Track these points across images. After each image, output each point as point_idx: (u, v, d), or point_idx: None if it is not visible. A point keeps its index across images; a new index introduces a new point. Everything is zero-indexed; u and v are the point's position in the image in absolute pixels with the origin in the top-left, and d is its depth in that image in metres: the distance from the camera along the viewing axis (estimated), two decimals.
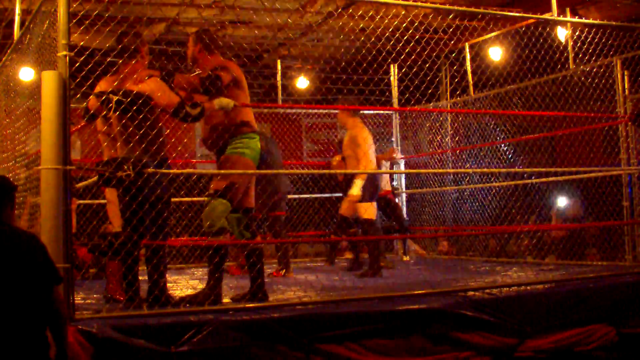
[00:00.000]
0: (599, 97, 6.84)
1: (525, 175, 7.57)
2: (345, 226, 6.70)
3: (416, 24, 6.01)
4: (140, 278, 4.36)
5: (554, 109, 7.94)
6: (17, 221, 3.08)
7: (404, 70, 7.79)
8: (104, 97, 4.20)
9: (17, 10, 5.41)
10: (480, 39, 8.03)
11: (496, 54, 8.24)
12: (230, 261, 7.02)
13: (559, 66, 7.14)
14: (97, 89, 4.51)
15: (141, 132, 4.20)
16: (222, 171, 4.55)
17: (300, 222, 8.99)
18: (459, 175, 8.62)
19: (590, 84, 6.85)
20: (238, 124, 4.55)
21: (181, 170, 5.75)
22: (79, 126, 5.44)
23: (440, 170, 8.59)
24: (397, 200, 8.21)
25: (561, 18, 6.15)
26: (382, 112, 9.18)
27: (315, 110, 10.10)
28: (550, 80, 7.54)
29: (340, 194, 8.01)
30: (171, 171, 4.48)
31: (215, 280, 4.37)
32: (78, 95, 4.03)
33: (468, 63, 8.12)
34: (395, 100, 8.58)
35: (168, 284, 4.51)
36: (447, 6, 6.72)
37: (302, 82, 9.69)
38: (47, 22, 4.10)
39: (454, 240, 9.25)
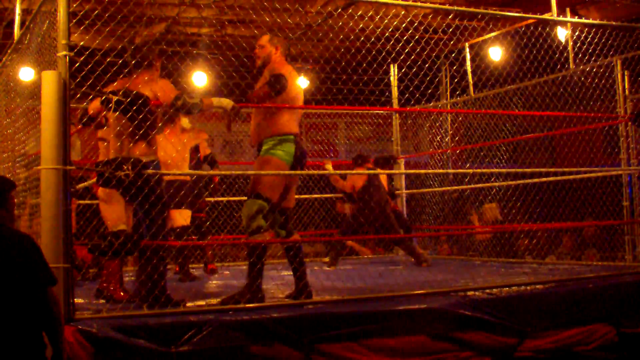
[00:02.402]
0: (599, 97, 6.84)
1: (525, 176, 7.57)
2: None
3: (416, 24, 6.01)
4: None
5: (554, 109, 7.93)
6: (15, 221, 3.08)
7: (404, 70, 7.80)
8: (104, 97, 4.20)
9: (17, 10, 5.41)
10: (480, 39, 8.03)
11: (496, 54, 8.23)
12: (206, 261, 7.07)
13: (559, 66, 7.13)
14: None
15: (141, 132, 4.22)
16: (235, 172, 4.57)
17: (300, 222, 8.99)
18: (459, 175, 8.62)
19: (590, 84, 6.85)
20: (276, 125, 4.58)
21: (181, 172, 5.74)
22: (79, 127, 5.44)
23: (440, 171, 8.59)
24: (396, 202, 8.23)
25: (561, 18, 6.14)
26: (382, 112, 9.19)
27: (316, 110, 10.09)
28: (550, 80, 7.54)
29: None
30: (170, 172, 4.48)
31: (252, 279, 4.38)
32: (78, 95, 4.03)
33: (468, 63, 8.12)
34: (395, 100, 8.58)
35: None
36: (447, 6, 6.71)
37: (302, 82, 9.68)
38: (47, 22, 4.10)
39: (454, 240, 9.25)
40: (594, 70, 6.76)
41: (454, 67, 8.36)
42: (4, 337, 2.79)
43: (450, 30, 6.92)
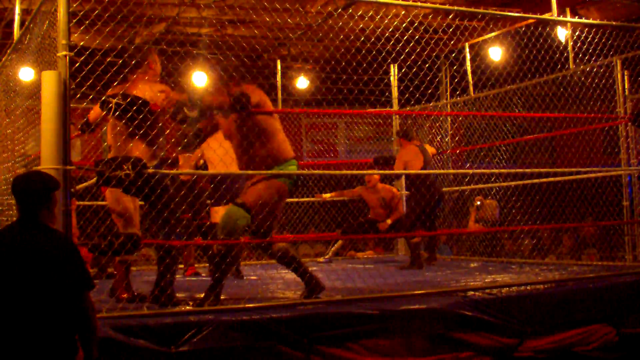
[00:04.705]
0: (599, 97, 6.84)
1: (525, 176, 7.57)
2: None
3: (416, 24, 6.01)
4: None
5: (554, 109, 7.94)
6: (56, 222, 3.04)
7: (404, 70, 7.80)
8: (102, 100, 4.21)
9: (17, 10, 5.41)
10: (480, 39, 8.03)
11: (496, 54, 8.23)
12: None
13: (559, 66, 7.13)
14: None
15: (139, 134, 4.23)
16: (222, 172, 4.57)
17: (300, 222, 8.99)
18: (459, 175, 8.62)
19: (590, 84, 6.85)
20: (274, 155, 4.53)
21: (180, 171, 5.74)
22: (78, 132, 5.45)
23: (441, 171, 8.59)
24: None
25: (561, 18, 6.15)
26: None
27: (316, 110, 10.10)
28: (550, 80, 7.54)
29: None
30: (171, 171, 4.49)
31: (215, 281, 4.37)
32: (78, 95, 4.03)
33: (468, 63, 8.11)
34: (395, 101, 8.58)
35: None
36: (447, 6, 6.71)
37: (302, 82, 9.69)
38: (47, 22, 4.10)
39: (454, 240, 9.25)
40: (594, 70, 6.76)
41: (454, 67, 8.36)
42: (38, 338, 2.74)
43: (451, 30, 6.92)
